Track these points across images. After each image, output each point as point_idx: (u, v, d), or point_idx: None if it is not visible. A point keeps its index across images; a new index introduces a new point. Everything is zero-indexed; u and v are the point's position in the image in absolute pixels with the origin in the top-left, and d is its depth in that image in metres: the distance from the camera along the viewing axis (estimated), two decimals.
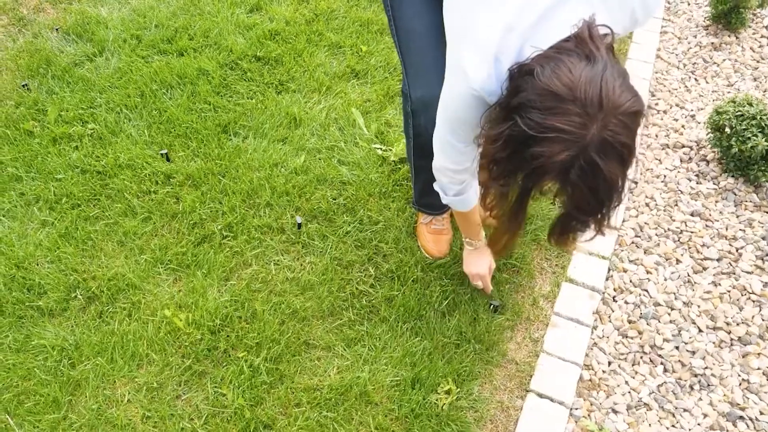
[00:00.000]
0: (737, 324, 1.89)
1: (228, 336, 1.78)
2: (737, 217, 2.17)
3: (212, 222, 2.05)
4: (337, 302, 1.88)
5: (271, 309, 1.84)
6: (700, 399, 1.74)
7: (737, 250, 2.08)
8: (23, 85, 2.50)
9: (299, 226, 2.05)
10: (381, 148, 2.29)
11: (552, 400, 1.72)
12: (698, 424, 1.69)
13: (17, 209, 2.08)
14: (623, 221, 2.18)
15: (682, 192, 2.27)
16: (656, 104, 2.65)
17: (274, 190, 2.14)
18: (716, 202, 2.23)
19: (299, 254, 2.00)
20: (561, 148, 0.98)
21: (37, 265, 1.94)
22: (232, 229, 2.03)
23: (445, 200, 1.62)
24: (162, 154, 2.22)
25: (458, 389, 1.70)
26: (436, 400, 1.69)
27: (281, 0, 2.96)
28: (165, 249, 1.97)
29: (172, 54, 2.63)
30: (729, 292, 1.97)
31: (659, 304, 1.95)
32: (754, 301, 1.94)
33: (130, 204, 2.09)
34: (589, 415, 1.71)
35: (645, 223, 2.18)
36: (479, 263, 1.87)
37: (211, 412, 1.64)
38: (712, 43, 2.90)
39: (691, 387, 1.77)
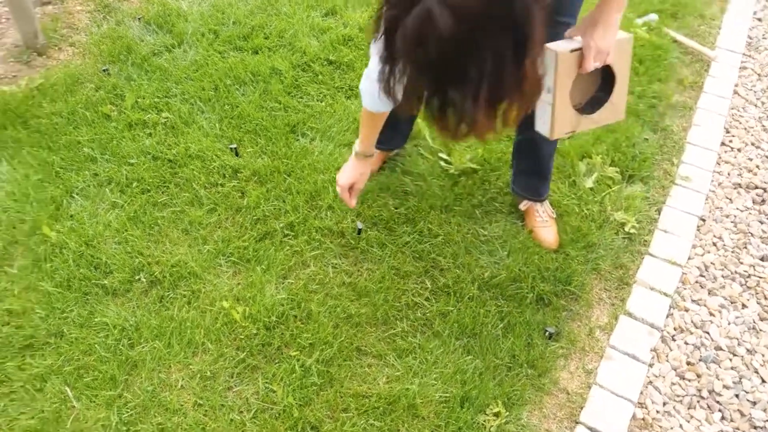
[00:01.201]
0: None
1: (282, 333, 1.80)
2: None
3: (275, 219, 2.08)
4: (392, 312, 1.88)
5: (327, 311, 1.86)
6: None
7: None
8: (104, 70, 2.59)
9: (359, 231, 2.06)
10: (445, 160, 2.29)
11: None
12: None
13: (90, 189, 2.16)
14: (688, 258, 2.12)
15: (752, 234, 2.20)
16: (730, 141, 2.57)
17: (336, 194, 2.16)
18: None
19: (357, 260, 2.01)
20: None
21: (105, 244, 2.00)
22: (293, 228, 2.06)
23: (362, 86, 1.63)
24: (231, 148, 2.26)
25: (507, 413, 1.68)
26: (484, 421, 1.67)
27: (356, 6, 2.99)
28: (227, 241, 2.01)
29: (247, 51, 2.69)
30: None
31: (720, 349, 1.88)
32: None
33: (197, 194, 2.14)
34: None
35: (711, 262, 2.11)
36: (349, 174, 1.83)
37: (260, 407, 1.66)
38: None
39: None
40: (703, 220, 2.25)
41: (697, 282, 2.07)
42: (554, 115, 1.58)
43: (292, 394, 1.67)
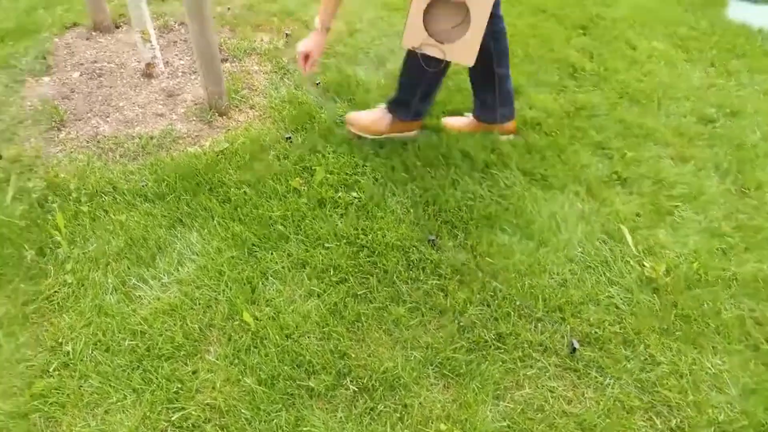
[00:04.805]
0: None
1: None
2: None
3: (483, 328, 1.92)
4: None
5: None
6: None
7: None
8: (287, 138, 2.53)
9: (573, 350, 1.88)
10: (652, 272, 2.10)
11: None
12: None
13: (285, 271, 2.06)
14: None
15: None
16: None
17: (546, 302, 1.99)
18: None
19: (574, 383, 1.83)
20: None
21: (307, 339, 1.88)
22: (503, 341, 1.90)
23: None
24: (430, 240, 2.14)
25: None
26: None
27: (540, 86, 2.86)
28: (435, 350, 1.86)
29: (430, 129, 2.59)
30: None
31: None
32: None
33: (399, 290, 2.01)
34: None
35: None
36: (307, 43, 2.21)
37: None
38: None
39: None
40: None
41: None
42: (406, 26, 2.05)
43: None
